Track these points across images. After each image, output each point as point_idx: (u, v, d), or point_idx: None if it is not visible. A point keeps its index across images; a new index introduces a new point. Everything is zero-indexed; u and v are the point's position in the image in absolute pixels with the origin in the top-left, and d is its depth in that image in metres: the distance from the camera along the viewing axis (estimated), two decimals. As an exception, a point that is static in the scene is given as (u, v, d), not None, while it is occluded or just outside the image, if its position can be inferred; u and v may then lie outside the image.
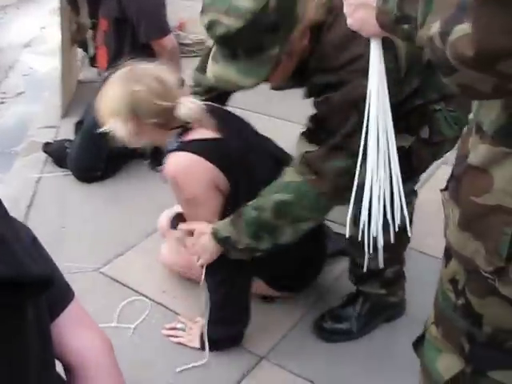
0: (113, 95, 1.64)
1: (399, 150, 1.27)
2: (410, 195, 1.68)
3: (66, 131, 3.15)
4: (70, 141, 2.90)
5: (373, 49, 1.10)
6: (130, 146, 1.73)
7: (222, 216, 1.65)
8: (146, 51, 2.73)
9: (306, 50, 1.39)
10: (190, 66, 2.97)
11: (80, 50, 3.73)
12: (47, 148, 2.94)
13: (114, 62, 2.78)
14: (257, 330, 1.92)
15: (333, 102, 1.40)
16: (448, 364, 0.96)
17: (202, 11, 1.35)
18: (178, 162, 1.62)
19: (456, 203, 0.89)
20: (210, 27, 1.31)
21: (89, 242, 2.37)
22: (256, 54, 1.30)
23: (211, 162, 1.62)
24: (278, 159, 1.77)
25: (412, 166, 1.55)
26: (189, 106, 1.64)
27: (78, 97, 3.56)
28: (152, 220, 2.38)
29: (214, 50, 1.42)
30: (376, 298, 1.86)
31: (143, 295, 2.10)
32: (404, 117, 1.44)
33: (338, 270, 2.16)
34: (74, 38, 3.36)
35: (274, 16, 1.25)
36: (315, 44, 1.39)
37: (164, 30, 2.70)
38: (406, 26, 0.86)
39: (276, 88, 1.67)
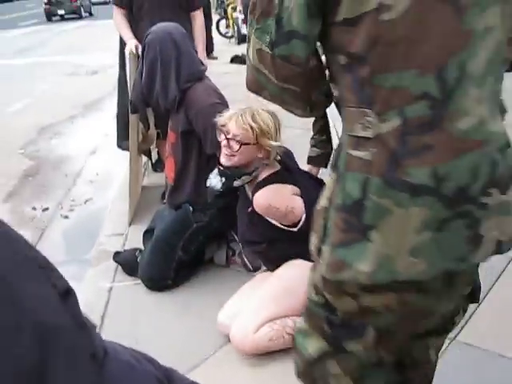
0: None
1: None
2: None
3: (134, 238, 3.25)
4: (139, 250, 2.97)
5: None
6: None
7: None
8: (212, 161, 2.82)
9: None
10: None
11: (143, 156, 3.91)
12: (117, 258, 3.02)
13: (181, 172, 2.89)
14: None
15: None
16: (314, 345, 1.29)
17: None
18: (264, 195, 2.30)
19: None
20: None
21: (162, 356, 2.34)
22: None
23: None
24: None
25: None
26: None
27: (143, 202, 3.68)
28: (224, 330, 2.38)
29: None
30: None
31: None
32: None
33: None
34: (140, 147, 3.53)
35: None
36: None
37: (229, 140, 2.78)
38: None
39: None
